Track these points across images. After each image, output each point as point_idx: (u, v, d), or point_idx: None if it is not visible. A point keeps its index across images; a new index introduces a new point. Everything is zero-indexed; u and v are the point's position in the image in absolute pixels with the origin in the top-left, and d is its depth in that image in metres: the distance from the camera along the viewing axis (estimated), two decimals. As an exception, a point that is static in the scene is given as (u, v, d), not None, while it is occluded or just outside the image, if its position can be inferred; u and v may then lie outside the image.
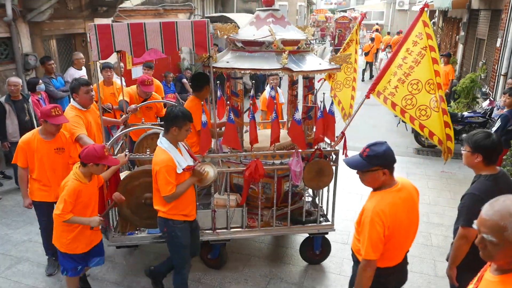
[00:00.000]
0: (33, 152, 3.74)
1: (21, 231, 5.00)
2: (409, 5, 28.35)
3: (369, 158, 2.45)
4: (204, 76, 4.37)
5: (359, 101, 4.07)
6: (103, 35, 3.30)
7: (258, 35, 3.90)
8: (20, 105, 5.73)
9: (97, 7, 8.08)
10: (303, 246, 4.39)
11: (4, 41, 6.71)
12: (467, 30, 12.43)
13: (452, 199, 6.00)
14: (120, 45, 3.37)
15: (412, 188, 2.60)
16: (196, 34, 3.44)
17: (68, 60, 8.03)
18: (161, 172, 3.11)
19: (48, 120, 3.64)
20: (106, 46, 3.35)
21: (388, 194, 2.47)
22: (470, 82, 9.25)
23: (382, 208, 2.40)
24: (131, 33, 3.35)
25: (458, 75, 12.29)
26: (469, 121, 7.76)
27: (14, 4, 6.41)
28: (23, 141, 3.76)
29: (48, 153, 3.78)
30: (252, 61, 3.82)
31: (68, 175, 3.32)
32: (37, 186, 3.87)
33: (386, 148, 2.45)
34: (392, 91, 3.89)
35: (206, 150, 3.79)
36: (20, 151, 3.76)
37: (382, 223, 2.38)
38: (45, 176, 3.84)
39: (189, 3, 11.48)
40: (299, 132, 3.86)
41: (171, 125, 3.19)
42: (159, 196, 3.25)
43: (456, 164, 7.47)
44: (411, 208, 2.53)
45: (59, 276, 4.14)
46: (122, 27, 3.34)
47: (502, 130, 5.46)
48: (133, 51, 3.41)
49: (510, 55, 7.83)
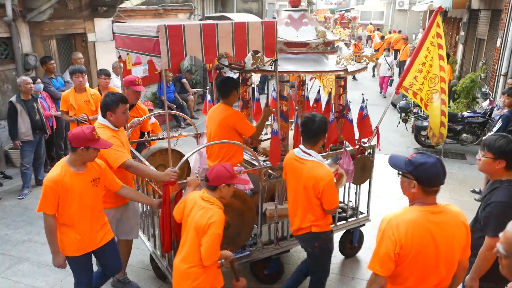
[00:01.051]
0: (67, 191, 2.92)
1: (21, 231, 5.00)
2: (409, 5, 28.34)
3: (409, 163, 2.20)
4: (232, 81, 4.02)
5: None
6: (174, 38, 2.79)
7: (302, 36, 3.79)
8: (30, 104, 5.79)
9: (97, 7, 8.08)
10: (342, 242, 4.48)
11: (4, 41, 6.71)
12: (467, 30, 12.44)
13: (452, 199, 6.00)
14: (191, 49, 2.90)
15: (459, 221, 2.21)
16: (266, 36, 3.19)
17: (68, 60, 8.02)
18: (330, 185, 3.04)
19: (91, 145, 2.94)
20: (177, 52, 2.83)
21: (416, 211, 2.17)
22: (470, 82, 9.26)
23: (400, 222, 2.14)
24: (203, 35, 2.91)
25: (458, 75, 12.29)
26: (469, 121, 7.77)
27: (14, 4, 6.41)
28: (52, 181, 2.89)
29: (85, 188, 3.01)
30: (302, 62, 3.69)
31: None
32: (72, 235, 3.03)
33: (430, 164, 2.13)
34: (420, 87, 4.44)
35: (278, 160, 3.57)
36: (50, 194, 2.91)
37: (394, 238, 2.11)
38: (84, 218, 3.05)
39: (189, 3, 11.47)
40: (351, 131, 4.01)
41: (320, 137, 3.15)
42: (314, 212, 3.14)
43: (456, 164, 7.48)
44: (445, 239, 2.15)
45: (59, 276, 4.14)
46: (194, 28, 2.87)
47: (503, 130, 5.46)
48: (204, 56, 2.97)
49: (510, 55, 7.84)
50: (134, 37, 3.21)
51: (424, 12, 21.35)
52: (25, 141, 5.76)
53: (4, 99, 6.64)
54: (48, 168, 6.71)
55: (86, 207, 3.03)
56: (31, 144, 5.84)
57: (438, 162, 2.15)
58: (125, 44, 3.47)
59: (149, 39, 2.83)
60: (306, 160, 3.10)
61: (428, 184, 2.15)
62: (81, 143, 2.90)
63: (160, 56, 2.76)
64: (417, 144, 8.40)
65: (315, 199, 3.07)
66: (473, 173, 6.89)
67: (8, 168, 6.68)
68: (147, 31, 2.86)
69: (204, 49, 2.93)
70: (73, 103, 5.48)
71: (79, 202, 2.98)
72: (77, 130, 2.94)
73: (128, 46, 3.40)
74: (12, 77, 6.78)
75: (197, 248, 2.70)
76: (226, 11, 13.99)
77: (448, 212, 2.20)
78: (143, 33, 2.96)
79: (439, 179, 2.15)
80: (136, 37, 3.14)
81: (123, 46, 3.53)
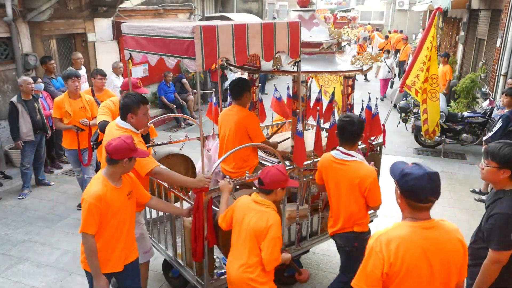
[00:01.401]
0: (109, 208, 2.69)
1: (21, 231, 5.00)
2: (409, 5, 28.34)
3: (400, 171, 2.03)
4: (244, 82, 3.97)
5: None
6: (208, 39, 2.67)
7: (315, 37, 3.79)
8: (31, 104, 5.79)
9: (97, 7, 8.08)
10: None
11: (4, 41, 6.71)
12: (467, 30, 12.44)
13: (452, 199, 6.00)
14: (223, 51, 2.78)
15: (455, 239, 2.01)
16: (291, 37, 3.12)
17: (68, 60, 8.02)
18: (375, 182, 3.08)
19: (134, 155, 2.74)
20: (210, 53, 2.71)
21: (407, 226, 2.00)
22: (470, 82, 9.26)
23: (389, 238, 1.96)
24: (235, 36, 2.80)
25: (458, 75, 12.29)
26: (469, 121, 7.77)
27: (14, 4, 6.41)
28: (96, 197, 2.62)
29: (123, 203, 2.80)
30: (317, 63, 3.68)
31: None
32: (103, 254, 2.77)
33: (415, 176, 1.95)
34: (422, 85, 4.68)
35: (304, 161, 3.52)
36: (95, 212, 2.63)
37: (382, 255, 1.94)
38: (119, 235, 2.82)
39: (189, 3, 11.47)
40: (366, 129, 4.03)
41: (359, 138, 3.19)
42: (357, 211, 3.16)
43: (456, 164, 7.49)
44: (440, 256, 1.96)
45: (59, 276, 4.14)
46: (226, 29, 2.76)
47: (503, 130, 5.46)
48: (235, 58, 2.87)
49: (510, 55, 7.84)
50: (155, 38, 3.04)
51: (424, 12, 21.36)
52: (26, 141, 5.76)
53: (4, 99, 6.65)
54: (48, 168, 6.72)
55: (124, 223, 2.83)
56: (32, 144, 5.85)
57: (426, 176, 1.93)
58: (140, 45, 3.29)
59: (181, 40, 2.70)
60: (348, 161, 3.12)
61: (411, 198, 1.97)
62: (125, 154, 2.69)
63: (194, 58, 2.64)
64: (417, 144, 8.40)
65: (360, 197, 3.11)
66: (473, 173, 6.88)
67: (8, 168, 6.68)
68: (178, 32, 2.73)
69: (236, 50, 2.84)
70: (68, 110, 5.18)
71: (118, 219, 2.77)
72: (118, 141, 2.69)
73: (145, 47, 3.23)
74: (12, 77, 6.79)
75: (257, 254, 2.65)
76: (226, 11, 13.99)
77: (442, 228, 2.01)
78: (171, 34, 2.82)
79: (424, 195, 1.94)
80: (159, 38, 2.98)
81: (137, 47, 3.35)
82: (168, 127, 9.68)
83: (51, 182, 6.32)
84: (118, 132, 3.07)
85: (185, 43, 2.66)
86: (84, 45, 8.24)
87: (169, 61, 2.94)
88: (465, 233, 2.14)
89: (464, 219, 5.38)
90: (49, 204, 5.69)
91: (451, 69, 10.32)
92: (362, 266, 2.04)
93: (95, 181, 2.76)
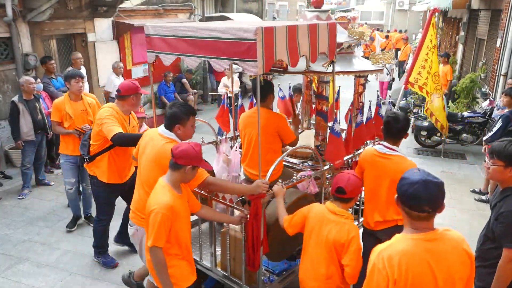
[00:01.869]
0: (177, 216, 2.62)
1: (21, 231, 4.99)
2: (409, 5, 28.35)
3: (401, 177, 1.95)
4: (268, 84, 3.88)
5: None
6: (268, 41, 2.59)
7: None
8: (32, 104, 5.79)
9: (97, 7, 8.08)
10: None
11: (4, 41, 6.71)
12: (467, 30, 12.44)
13: (452, 199, 6.00)
14: (280, 52, 2.70)
15: (461, 250, 1.91)
16: (331, 38, 3.11)
17: (68, 60, 8.02)
18: None
19: (199, 164, 2.68)
20: (269, 56, 2.62)
21: (408, 239, 1.90)
22: (470, 82, 9.26)
23: (390, 254, 1.86)
24: (288, 37, 2.74)
25: (458, 75, 12.29)
26: (469, 121, 7.77)
27: (14, 4, 6.41)
28: (167, 208, 2.51)
29: (187, 211, 2.76)
30: (339, 63, 3.67)
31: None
32: (184, 264, 2.74)
33: (411, 181, 1.87)
34: (425, 81, 5.05)
35: (338, 159, 3.53)
36: (167, 223, 2.53)
37: (386, 272, 1.85)
38: (189, 244, 2.83)
39: (189, 3, 11.47)
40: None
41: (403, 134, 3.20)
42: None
43: (456, 164, 7.48)
44: (445, 270, 1.86)
45: (59, 276, 4.14)
46: (281, 30, 2.69)
47: (503, 130, 5.46)
48: (290, 60, 2.80)
49: (510, 55, 7.84)
50: (197, 40, 2.89)
51: (424, 12, 21.33)
52: (27, 141, 5.76)
53: (4, 99, 6.65)
54: (48, 168, 6.71)
55: (189, 231, 2.79)
56: (32, 144, 5.84)
57: (421, 182, 1.84)
58: (171, 47, 3.14)
59: (239, 42, 2.59)
60: (391, 155, 3.17)
61: (405, 204, 1.89)
62: (192, 161, 2.59)
63: (255, 60, 2.54)
64: (417, 144, 8.40)
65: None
66: (473, 173, 6.89)
67: (8, 168, 6.68)
68: (236, 34, 2.62)
69: (289, 52, 2.78)
70: (69, 112, 4.68)
71: (186, 227, 2.72)
72: (187, 146, 2.60)
73: (179, 49, 3.08)
74: (12, 77, 6.79)
75: (337, 266, 2.63)
76: (226, 11, 13.99)
77: (447, 240, 1.90)
78: (225, 35, 2.70)
79: (416, 202, 1.84)
80: (204, 39, 2.85)
81: (168, 49, 3.19)
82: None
83: (51, 182, 6.32)
84: (163, 141, 2.95)
85: (245, 45, 2.55)
86: (84, 45, 8.24)
87: (219, 64, 2.82)
88: (465, 233, 2.14)
89: (464, 219, 5.39)
90: (49, 204, 5.69)
91: (451, 69, 10.31)
92: (366, 283, 1.95)
93: (160, 189, 2.62)
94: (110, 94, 8.08)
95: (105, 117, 3.71)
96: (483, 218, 5.44)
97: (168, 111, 3.03)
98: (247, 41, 2.53)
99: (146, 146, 3.09)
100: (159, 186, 2.67)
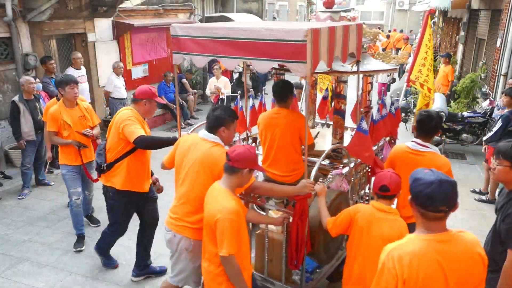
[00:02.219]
0: (242, 221, 2.62)
1: (21, 231, 4.99)
2: (409, 5, 28.36)
3: (414, 178, 1.95)
4: (289, 84, 3.81)
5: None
6: (315, 43, 2.57)
7: None
8: (32, 104, 5.79)
9: (97, 7, 8.08)
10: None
11: (4, 41, 6.71)
12: (467, 30, 12.44)
13: (452, 199, 5.99)
14: (322, 54, 2.68)
15: (475, 253, 1.88)
16: (358, 38, 3.16)
17: (68, 60, 8.02)
18: (450, 172, 3.15)
19: (255, 167, 2.70)
20: (315, 57, 2.60)
21: (420, 240, 1.89)
22: (470, 82, 9.26)
23: (400, 254, 1.85)
24: (329, 38, 2.72)
25: (458, 75, 12.29)
26: (469, 121, 7.77)
27: (14, 4, 6.41)
28: (237, 213, 2.51)
29: (244, 214, 2.80)
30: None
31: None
32: (248, 268, 2.74)
33: (425, 181, 1.86)
34: (426, 78, 5.29)
35: (372, 157, 3.58)
36: (237, 229, 2.53)
37: (395, 272, 1.84)
38: (247, 251, 2.80)
39: (189, 3, 11.47)
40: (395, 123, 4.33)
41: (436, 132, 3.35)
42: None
43: (456, 164, 7.47)
44: (457, 273, 1.84)
45: (59, 276, 4.14)
46: (324, 31, 2.67)
47: (503, 130, 5.45)
48: (329, 60, 2.80)
49: (510, 55, 7.84)
50: (242, 41, 2.80)
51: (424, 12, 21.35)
52: (27, 140, 5.77)
53: (4, 99, 6.65)
54: (48, 168, 6.71)
55: (248, 238, 2.75)
56: (33, 144, 5.85)
57: (437, 182, 1.83)
58: (205, 48, 3.04)
59: (287, 43, 2.56)
60: (424, 152, 3.25)
61: (420, 205, 1.88)
62: (248, 164, 2.55)
63: (305, 62, 2.52)
64: (417, 144, 8.39)
65: None
66: (473, 173, 6.90)
67: (8, 168, 6.68)
68: (284, 35, 2.59)
69: (328, 53, 2.76)
70: (67, 120, 4.38)
71: (246, 233, 2.65)
72: (243, 149, 2.57)
73: (213, 49, 2.98)
74: (12, 77, 6.79)
75: None
76: (226, 11, 13.99)
77: (460, 242, 1.88)
78: (271, 37, 2.65)
79: (431, 202, 1.84)
80: (247, 40, 2.77)
81: (202, 50, 3.07)
82: (168, 127, 9.68)
83: (51, 182, 6.32)
84: (208, 145, 2.85)
85: (294, 46, 2.53)
86: (84, 45, 8.24)
87: (262, 65, 2.78)
88: (465, 233, 2.13)
89: (464, 219, 5.38)
90: (49, 204, 5.69)
91: (452, 69, 10.31)
92: (375, 282, 1.94)
93: (221, 195, 2.53)
94: (110, 94, 8.09)
95: (126, 119, 3.55)
96: (483, 218, 5.45)
97: (211, 114, 2.96)
98: (297, 42, 2.52)
99: (186, 153, 2.95)
100: (218, 192, 2.57)
